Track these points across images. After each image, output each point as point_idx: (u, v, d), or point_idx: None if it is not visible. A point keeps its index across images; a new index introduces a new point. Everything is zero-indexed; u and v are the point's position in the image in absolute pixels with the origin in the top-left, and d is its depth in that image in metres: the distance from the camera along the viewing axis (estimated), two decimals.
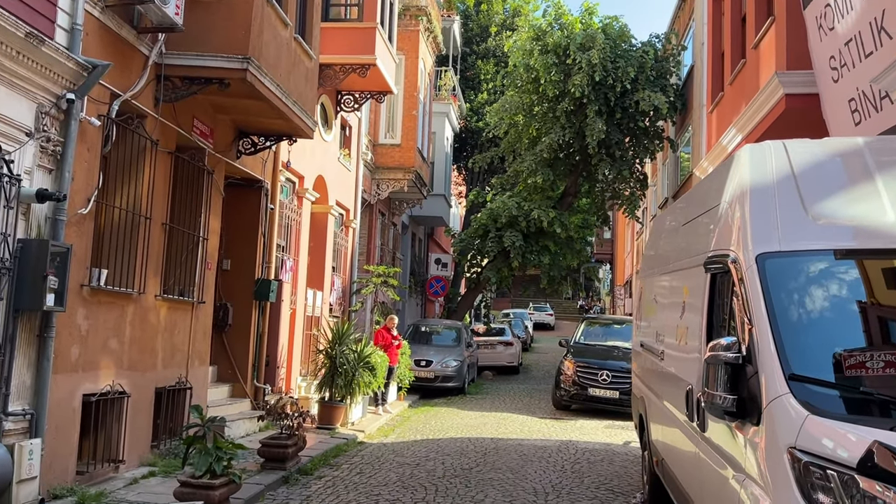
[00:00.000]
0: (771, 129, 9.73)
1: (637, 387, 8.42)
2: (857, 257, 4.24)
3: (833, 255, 4.19)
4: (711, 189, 5.57)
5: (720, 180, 5.26)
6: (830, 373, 3.81)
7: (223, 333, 11.66)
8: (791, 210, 4.37)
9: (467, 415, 14.61)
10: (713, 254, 4.89)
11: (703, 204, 5.65)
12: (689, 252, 5.85)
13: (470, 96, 28.62)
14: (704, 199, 5.71)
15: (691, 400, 5.04)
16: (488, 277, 21.72)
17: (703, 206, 5.63)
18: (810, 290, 4.14)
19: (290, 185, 13.80)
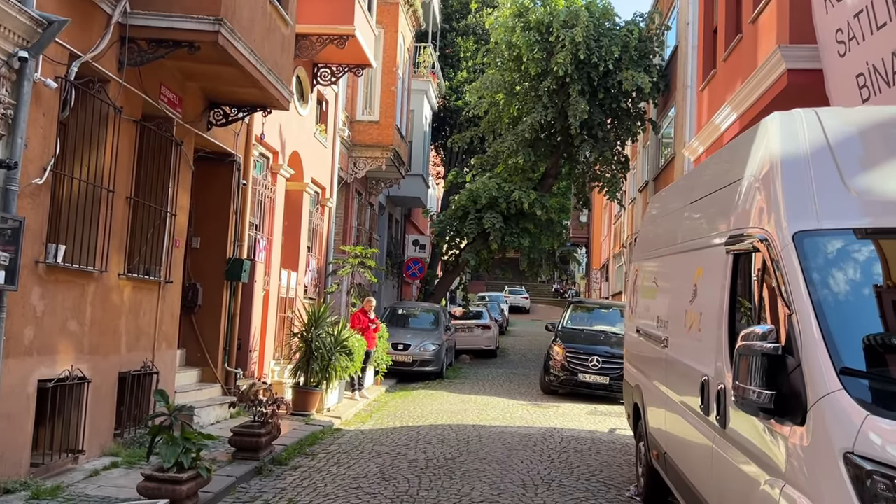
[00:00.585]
0: (770, 106, 9.29)
1: (631, 374, 8.01)
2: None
3: (880, 234, 3.75)
4: (729, 163, 5.12)
5: (741, 153, 4.81)
6: (885, 366, 3.38)
7: (192, 315, 11.07)
8: (829, 184, 3.92)
9: (447, 400, 14.17)
10: (736, 233, 4.44)
11: (719, 180, 5.20)
12: (701, 231, 5.41)
13: (449, 74, 28.00)
14: (719, 174, 5.26)
15: (707, 392, 4.61)
16: (467, 260, 21.24)
17: (719, 181, 5.18)
18: (856, 272, 3.71)
19: (264, 161, 13.18)
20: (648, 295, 7.18)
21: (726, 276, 4.49)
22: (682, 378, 5.45)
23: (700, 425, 4.81)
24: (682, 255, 5.87)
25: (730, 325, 4.38)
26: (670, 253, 6.34)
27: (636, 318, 7.86)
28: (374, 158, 18.41)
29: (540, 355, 25.00)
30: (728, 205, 4.73)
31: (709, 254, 4.98)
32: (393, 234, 26.10)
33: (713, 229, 5.05)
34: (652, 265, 7.23)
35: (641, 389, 7.21)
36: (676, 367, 5.63)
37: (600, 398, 15.10)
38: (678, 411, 5.49)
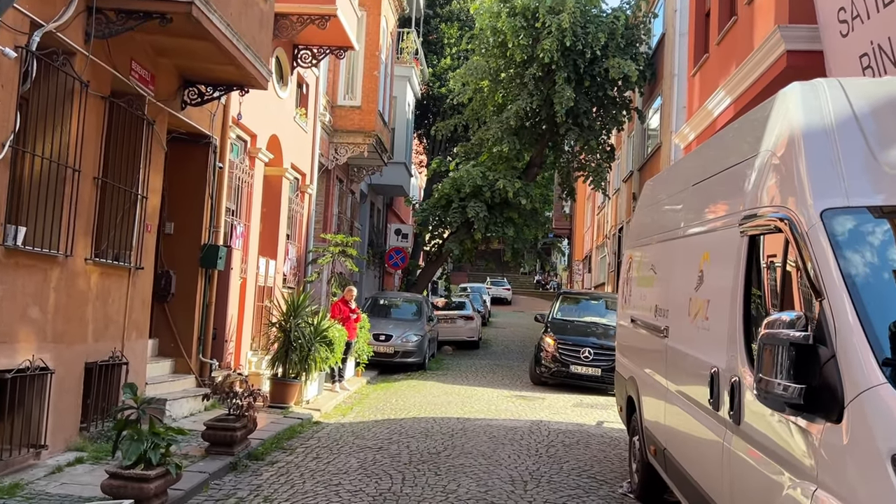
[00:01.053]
0: (767, 89, 8.97)
1: (624, 366, 7.67)
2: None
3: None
4: (739, 140, 4.77)
5: (754, 128, 4.46)
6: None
7: (165, 303, 10.63)
8: (857, 158, 3.59)
9: (430, 392, 13.81)
10: (751, 213, 4.09)
11: (727, 158, 4.86)
12: (707, 214, 5.06)
13: (433, 61, 27.54)
14: (728, 152, 4.91)
15: (717, 385, 4.27)
16: (450, 249, 20.87)
17: (727, 160, 4.83)
18: (893, 252, 3.36)
19: (242, 144, 12.72)
20: (645, 283, 6.84)
21: (740, 259, 4.14)
22: (685, 370, 5.12)
23: (708, 420, 4.48)
24: (684, 240, 5.53)
25: (745, 313, 4.04)
26: (670, 238, 5.99)
27: (630, 307, 7.53)
28: (355, 144, 17.96)
29: (523, 346, 24.78)
30: (740, 184, 4.38)
31: (718, 237, 4.64)
32: (374, 222, 25.67)
33: (723, 211, 4.70)
34: (648, 252, 6.89)
35: (636, 381, 6.87)
36: (679, 359, 5.30)
37: (590, 389, 14.95)
38: (681, 405, 5.16)
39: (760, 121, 4.38)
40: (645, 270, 6.89)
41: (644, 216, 7.63)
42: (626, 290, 7.92)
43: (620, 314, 8.29)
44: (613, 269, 29.52)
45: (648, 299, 6.59)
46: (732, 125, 5.22)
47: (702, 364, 4.59)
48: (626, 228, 26.89)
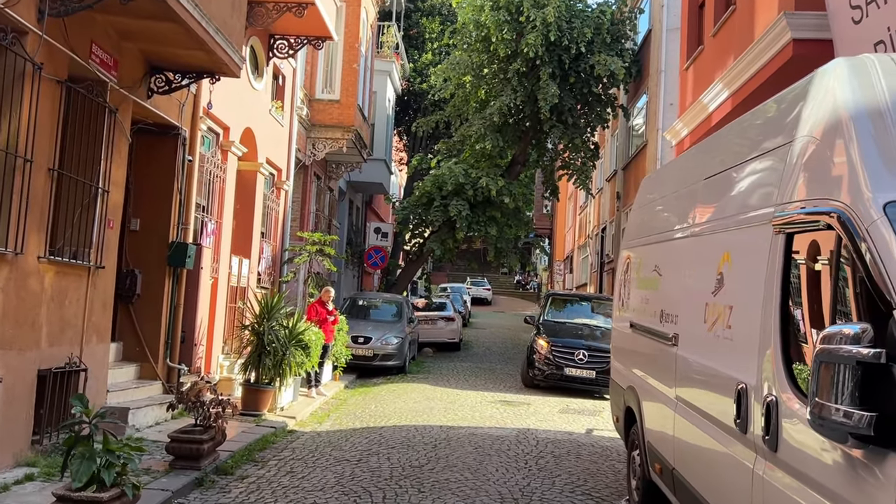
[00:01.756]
0: (770, 81, 8.55)
1: (622, 374, 7.15)
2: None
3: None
4: (768, 125, 4.27)
5: (786, 111, 3.96)
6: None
7: (130, 305, 9.98)
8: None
9: (410, 398, 13.24)
10: (787, 207, 3.58)
11: (752, 146, 4.35)
12: (727, 209, 4.54)
13: (413, 56, 26.96)
14: (753, 140, 4.41)
15: (746, 403, 3.75)
16: (432, 249, 20.30)
17: (753, 149, 4.33)
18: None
19: (214, 137, 12.08)
20: (647, 286, 6.32)
21: (776, 261, 3.62)
22: (702, 383, 4.61)
23: (732, 443, 3.96)
24: (697, 239, 5.01)
25: (782, 323, 3.52)
26: (678, 237, 5.48)
27: (628, 310, 7.01)
28: (334, 140, 17.35)
29: (504, 348, 24.29)
30: (772, 174, 3.87)
31: (743, 235, 4.13)
32: (353, 221, 25.05)
33: (748, 206, 4.19)
34: (650, 252, 6.37)
35: (637, 392, 6.36)
36: (694, 371, 4.78)
37: (579, 392, 14.85)
38: (695, 422, 4.64)
39: (792, 103, 3.87)
40: (646, 272, 6.37)
41: (643, 214, 7.12)
42: (623, 292, 7.40)
43: (617, 317, 7.77)
44: (596, 270, 29.12)
45: (652, 303, 6.08)
46: (754, 111, 4.70)
47: (724, 379, 4.08)
48: (609, 228, 26.48)
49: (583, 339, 15.60)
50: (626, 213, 23.54)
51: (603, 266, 27.51)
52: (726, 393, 3.98)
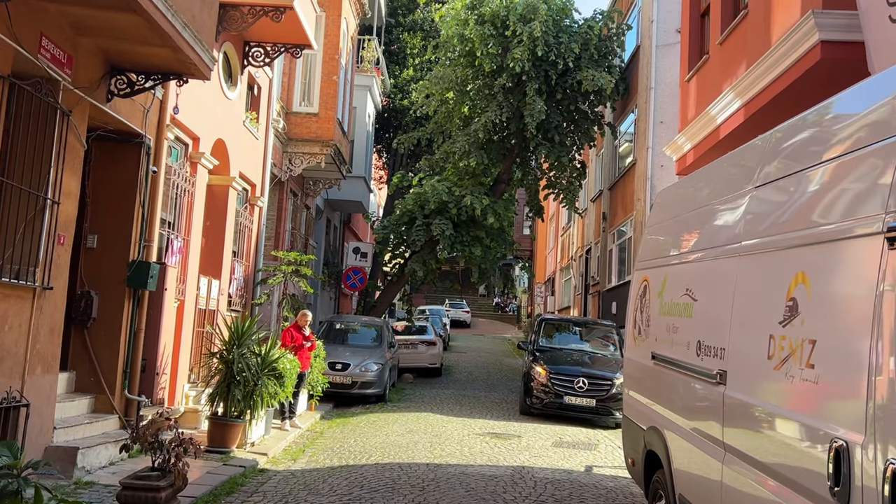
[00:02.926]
0: (792, 89, 7.87)
1: (640, 412, 6.32)
2: None
3: None
4: (861, 119, 3.48)
5: None
6: None
7: (85, 330, 9.04)
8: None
9: (392, 430, 12.31)
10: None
11: (836, 144, 3.59)
12: (798, 220, 3.76)
13: (395, 71, 26.23)
14: (837, 135, 3.64)
15: (848, 467, 2.95)
16: (413, 270, 19.43)
17: (836, 146, 3.57)
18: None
19: (182, 148, 11.19)
20: (674, 312, 5.52)
21: (893, 282, 2.83)
22: (769, 434, 3.80)
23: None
24: (751, 258, 4.23)
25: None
26: (721, 256, 4.69)
27: (648, 339, 6.20)
28: (312, 155, 16.50)
29: (488, 374, 23.42)
30: (873, 177, 3.09)
31: (830, 251, 3.35)
32: (331, 240, 24.13)
33: (837, 214, 3.41)
34: (679, 273, 5.58)
35: (663, 435, 5.53)
36: (753, 417, 3.97)
37: (573, 420, 14.48)
38: (759, 480, 3.81)
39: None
40: (673, 296, 5.58)
41: (665, 230, 6.33)
42: (639, 318, 6.59)
43: (631, 347, 6.95)
44: (580, 293, 28.40)
45: (682, 332, 5.28)
46: (832, 101, 3.93)
47: (808, 432, 3.28)
48: (594, 250, 25.80)
49: (581, 366, 15.24)
50: (612, 234, 22.87)
51: (588, 289, 26.81)
52: (812, 450, 3.19)
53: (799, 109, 4.66)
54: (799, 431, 3.42)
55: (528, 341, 17.98)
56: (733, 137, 9.25)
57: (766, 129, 6.40)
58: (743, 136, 7.93)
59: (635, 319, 6.76)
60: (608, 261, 22.99)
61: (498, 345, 37.39)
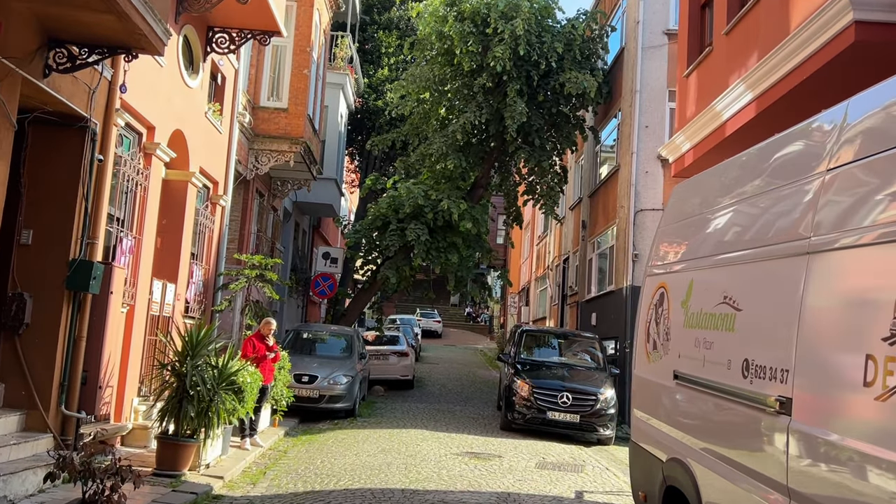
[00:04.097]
0: (815, 77, 7.08)
1: (657, 440, 5.44)
2: None
3: None
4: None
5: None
6: None
7: (16, 337, 7.97)
8: None
9: (363, 448, 11.33)
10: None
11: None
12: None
13: (369, 71, 25.29)
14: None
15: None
16: (386, 277, 18.46)
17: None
18: None
19: (135, 137, 10.15)
20: (710, 324, 4.65)
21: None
22: (863, 486, 2.94)
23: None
24: (826, 257, 3.38)
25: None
26: (788, 254, 3.82)
27: (669, 356, 5.33)
28: (280, 152, 15.49)
29: (461, 386, 22.51)
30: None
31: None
32: (299, 245, 23.07)
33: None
34: (715, 277, 4.71)
35: (692, 470, 4.65)
36: (840, 460, 3.11)
37: (555, 436, 13.88)
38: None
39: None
40: (706, 304, 4.71)
41: (688, 228, 5.46)
42: (654, 331, 5.72)
43: (644, 364, 6.06)
44: (557, 303, 27.62)
45: (720, 348, 4.43)
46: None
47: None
48: (572, 259, 25.00)
49: (564, 380, 14.68)
50: (592, 243, 22.10)
51: (565, 299, 26.03)
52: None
53: (820, 102, 3.89)
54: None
55: (507, 353, 17.15)
56: (742, 135, 8.48)
57: (780, 126, 5.58)
58: (753, 134, 7.15)
59: (648, 332, 5.89)
60: (587, 270, 22.23)
61: (470, 356, 36.50)
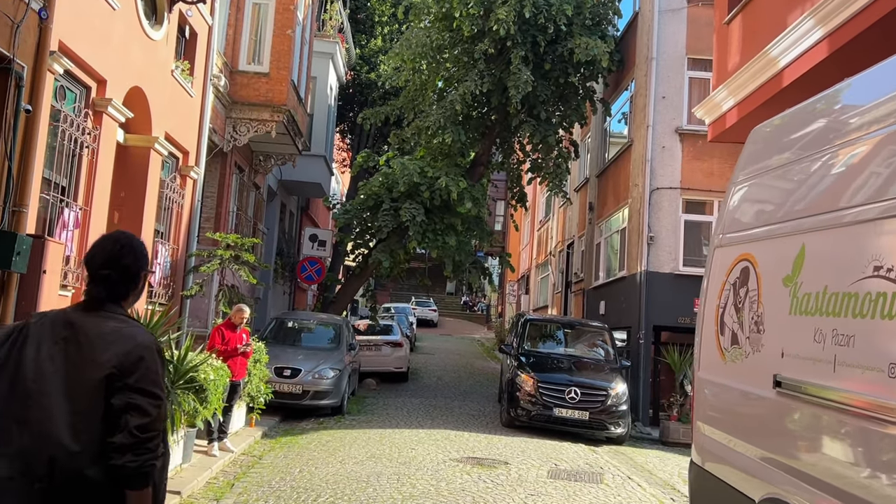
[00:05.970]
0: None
1: (746, 472, 3.86)
2: None
3: None
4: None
5: None
6: None
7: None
8: None
9: (350, 454, 9.88)
10: None
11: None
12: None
13: (361, 41, 23.70)
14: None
15: None
16: (378, 261, 16.96)
17: None
18: None
19: (82, 92, 8.63)
20: (844, 309, 3.14)
21: None
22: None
23: None
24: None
25: None
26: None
27: (764, 354, 3.84)
28: (260, 121, 13.96)
29: (459, 379, 21.08)
30: None
31: None
32: (286, 228, 21.55)
33: None
34: (852, 239, 3.20)
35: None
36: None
37: (565, 434, 12.73)
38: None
39: None
40: (836, 281, 3.23)
41: (797, 174, 3.90)
42: (734, 319, 4.25)
43: (716, 364, 4.54)
44: (560, 290, 26.18)
45: (865, 345, 2.97)
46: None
47: None
48: (577, 244, 23.52)
49: (572, 374, 13.54)
50: (599, 226, 20.62)
51: (569, 286, 24.58)
52: None
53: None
54: None
55: (508, 344, 15.78)
56: (805, 83, 7.01)
57: (856, 68, 4.23)
58: (820, 82, 5.69)
59: (722, 321, 4.42)
60: (595, 256, 20.76)
61: (467, 346, 35.10)
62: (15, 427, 2.37)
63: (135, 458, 2.36)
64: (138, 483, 2.38)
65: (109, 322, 2.52)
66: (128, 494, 2.38)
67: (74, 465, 2.35)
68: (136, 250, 2.65)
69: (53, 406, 2.38)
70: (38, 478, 2.34)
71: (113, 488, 2.38)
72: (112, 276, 2.57)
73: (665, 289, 16.05)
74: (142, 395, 2.41)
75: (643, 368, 16.00)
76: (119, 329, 2.50)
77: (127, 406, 2.38)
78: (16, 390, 2.41)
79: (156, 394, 2.45)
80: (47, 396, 2.39)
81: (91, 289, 2.60)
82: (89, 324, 2.50)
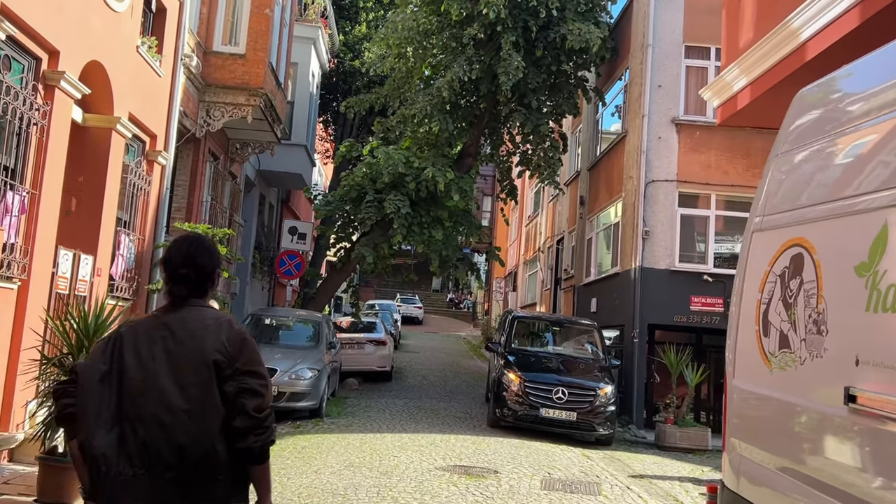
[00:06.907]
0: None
1: (768, 492, 3.22)
2: None
3: None
4: None
5: None
6: None
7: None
8: None
9: (326, 463, 9.11)
10: None
11: None
12: None
13: (345, 27, 22.86)
14: None
15: None
16: (362, 255, 16.18)
17: None
18: None
19: (31, 63, 7.81)
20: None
21: None
22: None
23: None
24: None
25: None
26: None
27: (827, 361, 3.09)
28: (236, 105, 13.14)
29: (444, 378, 20.35)
30: None
31: None
32: (265, 221, 20.71)
33: None
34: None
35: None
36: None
37: (556, 436, 12.38)
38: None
39: None
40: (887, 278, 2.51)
41: (851, 143, 3.22)
42: (784, 318, 3.50)
43: (754, 370, 3.76)
44: (549, 287, 25.49)
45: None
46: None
47: None
48: (567, 239, 22.80)
49: (560, 374, 13.19)
50: (591, 221, 19.93)
51: (559, 283, 23.89)
52: None
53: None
54: None
55: (496, 342, 15.12)
56: (831, 56, 6.31)
57: (889, 37, 3.66)
58: (846, 55, 4.99)
59: (765, 320, 3.69)
60: (586, 251, 20.08)
61: (453, 343, 34.39)
62: (130, 427, 2.50)
63: (257, 438, 2.57)
64: (262, 459, 2.63)
65: (204, 312, 2.69)
66: (252, 469, 2.63)
67: (202, 448, 2.51)
68: (209, 250, 2.80)
69: (169, 398, 2.53)
70: (167, 467, 2.48)
71: (234, 462, 2.57)
72: (190, 274, 2.71)
73: (660, 285, 15.40)
74: (252, 377, 2.61)
75: (638, 369, 15.34)
76: (217, 317, 2.68)
77: (241, 391, 2.57)
78: (125, 394, 2.54)
79: (263, 374, 2.66)
80: (160, 391, 2.53)
81: (173, 288, 2.73)
82: (184, 318, 2.66)
